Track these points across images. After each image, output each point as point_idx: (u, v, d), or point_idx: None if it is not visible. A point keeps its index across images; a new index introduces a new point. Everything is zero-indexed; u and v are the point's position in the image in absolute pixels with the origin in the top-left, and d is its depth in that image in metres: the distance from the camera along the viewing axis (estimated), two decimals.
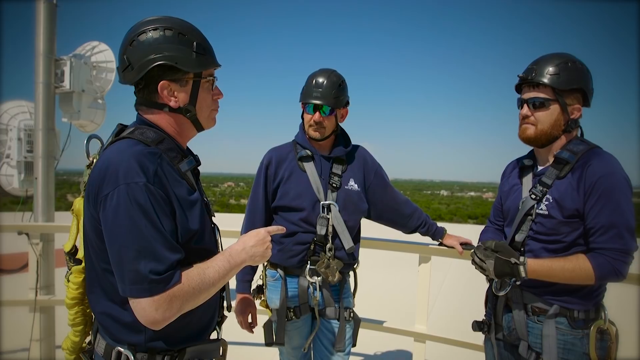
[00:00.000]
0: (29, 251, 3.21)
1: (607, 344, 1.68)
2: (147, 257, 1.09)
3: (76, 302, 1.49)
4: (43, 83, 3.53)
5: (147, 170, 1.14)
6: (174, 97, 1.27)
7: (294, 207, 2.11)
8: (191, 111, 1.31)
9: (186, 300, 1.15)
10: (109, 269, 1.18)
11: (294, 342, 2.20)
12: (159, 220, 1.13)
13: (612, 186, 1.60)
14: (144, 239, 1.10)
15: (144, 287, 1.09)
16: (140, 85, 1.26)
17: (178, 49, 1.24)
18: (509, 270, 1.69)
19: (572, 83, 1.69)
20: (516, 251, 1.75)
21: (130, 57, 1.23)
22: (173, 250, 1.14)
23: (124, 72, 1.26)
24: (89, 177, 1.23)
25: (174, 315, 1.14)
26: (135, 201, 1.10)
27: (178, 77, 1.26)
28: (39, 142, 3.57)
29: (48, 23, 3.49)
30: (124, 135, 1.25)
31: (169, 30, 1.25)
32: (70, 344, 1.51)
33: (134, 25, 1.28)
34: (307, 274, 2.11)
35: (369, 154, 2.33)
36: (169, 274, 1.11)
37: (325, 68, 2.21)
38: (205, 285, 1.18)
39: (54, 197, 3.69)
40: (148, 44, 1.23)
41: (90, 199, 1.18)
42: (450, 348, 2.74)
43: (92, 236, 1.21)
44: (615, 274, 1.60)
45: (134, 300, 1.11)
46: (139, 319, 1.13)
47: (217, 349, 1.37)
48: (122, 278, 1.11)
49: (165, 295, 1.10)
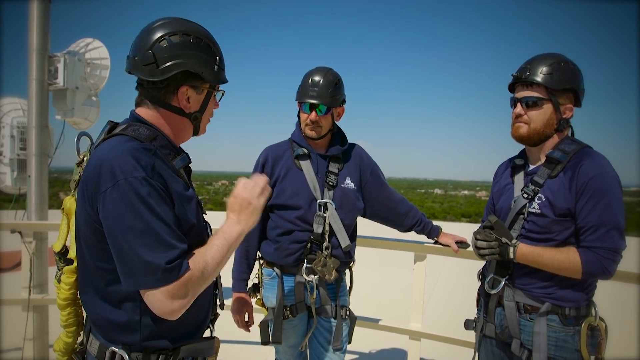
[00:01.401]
0: (22, 250, 3.19)
1: (597, 340, 1.71)
2: (157, 247, 1.10)
3: (68, 302, 1.48)
4: (36, 80, 3.49)
5: (144, 164, 1.14)
6: (188, 102, 1.31)
7: (290, 205, 2.12)
8: (198, 118, 1.36)
9: (197, 284, 1.16)
10: (105, 267, 1.18)
11: (290, 340, 2.20)
12: (162, 211, 1.13)
13: (604, 186, 1.63)
14: (152, 230, 1.10)
15: (157, 277, 1.09)
16: (161, 85, 1.27)
17: (205, 60, 1.30)
18: (499, 249, 1.72)
19: (565, 83, 1.72)
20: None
21: (158, 55, 1.24)
22: (179, 239, 1.15)
23: (145, 66, 1.25)
24: (83, 175, 1.22)
25: (188, 303, 1.15)
26: (137, 194, 1.10)
27: (197, 84, 1.31)
28: (32, 139, 3.53)
29: (42, 20, 3.46)
30: (116, 132, 1.25)
31: (199, 39, 1.29)
32: (63, 345, 1.50)
33: (162, 22, 1.28)
34: (304, 272, 2.12)
35: (365, 153, 2.34)
36: (179, 261, 1.12)
37: (322, 66, 2.20)
38: (210, 267, 1.19)
39: (47, 195, 3.65)
40: (180, 47, 1.25)
41: (86, 197, 1.17)
42: (444, 346, 2.75)
43: (88, 235, 1.20)
44: (602, 272, 1.63)
45: (148, 292, 1.11)
46: (154, 311, 1.13)
47: (210, 347, 1.38)
48: (131, 272, 1.10)
49: (179, 282, 1.11)
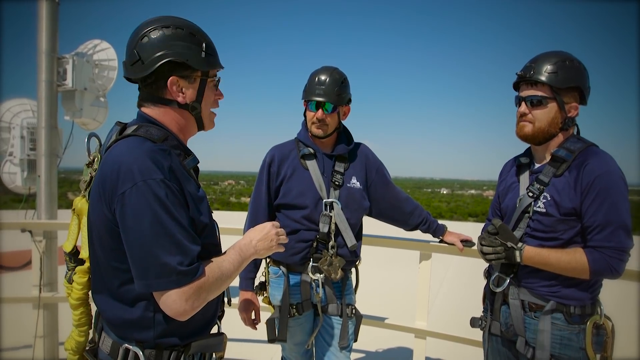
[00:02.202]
0: (32, 249, 3.23)
1: (603, 339, 1.71)
2: (173, 250, 1.12)
3: (81, 302, 1.49)
4: (45, 81, 3.54)
5: (161, 166, 1.16)
6: (182, 93, 1.31)
7: (296, 204, 2.13)
8: (197, 108, 1.35)
9: (210, 290, 1.19)
10: (120, 267, 1.20)
11: (296, 338, 2.22)
12: (179, 214, 1.16)
13: (609, 185, 1.62)
14: (169, 233, 1.12)
15: (172, 279, 1.12)
16: (150, 80, 1.28)
17: (189, 47, 1.28)
18: (505, 254, 1.72)
19: (569, 81, 1.71)
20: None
21: (141, 52, 1.25)
22: (195, 242, 1.18)
23: (133, 66, 1.27)
24: (99, 176, 1.23)
25: (200, 306, 1.18)
26: (155, 196, 1.12)
27: (187, 74, 1.30)
28: (42, 140, 3.58)
29: (50, 21, 3.50)
30: (128, 133, 1.26)
31: (180, 29, 1.29)
32: (75, 344, 1.52)
33: (144, 22, 1.30)
34: (310, 271, 2.13)
35: (370, 152, 2.35)
36: (195, 265, 1.15)
37: (328, 65, 2.22)
38: (224, 277, 1.24)
39: (57, 195, 3.70)
40: (160, 40, 1.26)
41: (103, 198, 1.18)
42: (450, 344, 2.76)
43: (103, 235, 1.21)
44: (610, 271, 1.63)
45: (162, 293, 1.13)
46: (166, 311, 1.15)
47: (220, 342, 1.40)
48: (146, 273, 1.13)
49: (193, 285, 1.14)
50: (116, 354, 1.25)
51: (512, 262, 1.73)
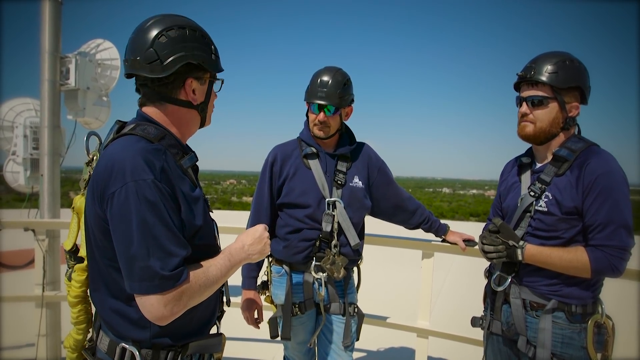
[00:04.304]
0: (35, 247, 3.25)
1: (604, 338, 1.71)
2: (157, 253, 1.10)
3: (79, 300, 1.50)
4: (48, 80, 3.56)
5: (153, 167, 1.15)
6: (194, 94, 1.32)
7: (299, 204, 2.13)
8: (205, 109, 1.37)
9: (192, 297, 1.17)
10: (114, 265, 1.19)
11: (299, 337, 2.23)
12: (167, 217, 1.14)
13: (611, 184, 1.63)
14: (154, 236, 1.11)
15: (154, 283, 1.10)
16: (167, 80, 1.27)
17: (203, 50, 1.30)
18: (506, 252, 1.73)
19: (570, 81, 1.72)
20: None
21: (160, 51, 1.24)
22: (182, 246, 1.16)
23: (150, 65, 1.24)
24: (93, 174, 1.23)
25: (180, 311, 1.16)
26: (144, 198, 1.11)
27: (200, 75, 1.32)
28: (45, 139, 3.60)
29: (53, 21, 3.51)
30: (125, 132, 1.25)
31: (194, 31, 1.30)
32: (73, 342, 1.53)
33: (152, 19, 1.28)
34: (313, 270, 2.13)
35: (373, 151, 2.35)
36: (179, 270, 1.13)
37: (330, 66, 2.21)
38: (209, 283, 1.22)
39: (59, 194, 3.72)
40: (179, 40, 1.26)
41: (95, 196, 1.18)
42: (452, 343, 2.76)
43: (96, 233, 1.21)
44: (611, 270, 1.63)
45: (142, 296, 1.12)
46: (145, 315, 1.14)
47: (218, 343, 1.40)
48: (131, 275, 1.12)
49: (175, 292, 1.12)
50: (113, 353, 1.25)
51: (513, 260, 1.74)
